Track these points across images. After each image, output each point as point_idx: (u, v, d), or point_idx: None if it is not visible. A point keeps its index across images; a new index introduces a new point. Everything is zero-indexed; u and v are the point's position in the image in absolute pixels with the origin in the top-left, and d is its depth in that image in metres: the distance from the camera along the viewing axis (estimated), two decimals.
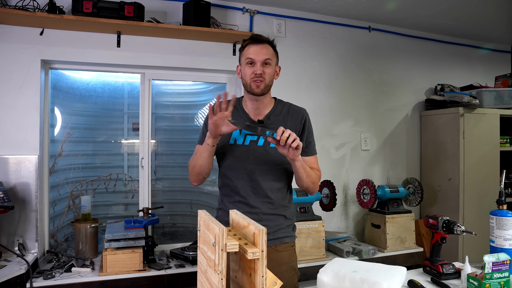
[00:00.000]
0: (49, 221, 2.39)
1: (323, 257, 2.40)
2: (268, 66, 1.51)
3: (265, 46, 1.50)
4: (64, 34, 2.31)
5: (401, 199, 2.74)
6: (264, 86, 1.50)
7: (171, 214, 2.84)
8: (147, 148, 2.60)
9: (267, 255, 0.83)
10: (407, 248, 2.65)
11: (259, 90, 1.50)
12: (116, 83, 2.76)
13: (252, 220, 0.92)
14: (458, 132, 3.00)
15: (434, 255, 1.51)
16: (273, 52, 1.53)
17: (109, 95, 2.74)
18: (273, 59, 1.53)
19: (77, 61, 2.36)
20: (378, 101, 3.20)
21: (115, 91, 2.76)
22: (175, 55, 2.54)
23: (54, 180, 2.46)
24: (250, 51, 1.50)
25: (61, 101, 2.57)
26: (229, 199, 1.56)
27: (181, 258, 2.31)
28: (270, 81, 1.53)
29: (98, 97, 2.71)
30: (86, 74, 2.66)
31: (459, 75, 3.54)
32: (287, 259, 1.57)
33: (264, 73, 1.49)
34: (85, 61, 2.38)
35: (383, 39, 3.22)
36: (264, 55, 1.49)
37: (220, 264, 0.82)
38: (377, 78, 3.20)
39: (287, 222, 1.59)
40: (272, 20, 2.83)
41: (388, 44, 3.24)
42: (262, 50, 1.49)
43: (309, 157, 1.60)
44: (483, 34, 3.47)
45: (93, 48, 2.37)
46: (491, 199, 1.45)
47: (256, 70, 1.48)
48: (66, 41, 2.32)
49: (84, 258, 2.16)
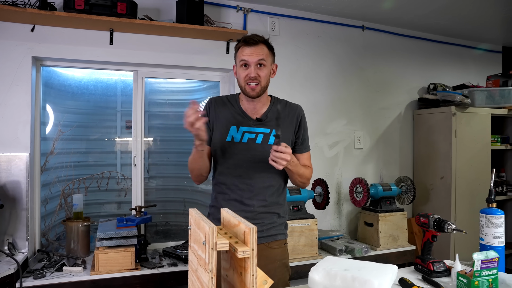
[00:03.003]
0: (41, 220, 2.37)
1: (316, 255, 2.40)
2: (263, 68, 1.49)
3: (259, 47, 1.48)
4: (55, 31, 2.28)
5: (394, 197, 2.75)
6: (260, 89, 1.50)
7: (164, 212, 2.83)
8: (140, 146, 2.59)
9: (259, 252, 0.83)
10: (399, 246, 2.67)
11: (255, 93, 1.50)
12: (109, 81, 2.74)
13: (245, 218, 0.92)
14: (451, 131, 3.02)
15: (425, 253, 1.52)
16: (267, 51, 1.52)
17: (102, 92, 2.72)
18: (268, 58, 1.52)
19: (69, 58, 2.34)
20: (371, 100, 3.21)
21: (108, 88, 2.74)
22: (168, 53, 2.53)
23: (45, 179, 2.44)
24: (244, 53, 1.48)
25: (53, 99, 2.55)
26: (223, 196, 1.55)
27: (174, 256, 2.31)
28: (266, 83, 1.52)
29: (90, 94, 2.69)
30: (79, 71, 2.64)
31: (451, 75, 3.56)
32: (280, 256, 1.59)
33: (259, 75, 1.48)
34: (77, 59, 2.35)
35: (376, 38, 3.23)
36: (258, 56, 1.47)
37: (210, 263, 0.81)
38: (370, 77, 3.21)
39: (280, 220, 1.60)
40: (266, 19, 2.82)
41: (381, 43, 3.25)
42: (256, 52, 1.47)
43: (302, 153, 1.62)
44: (476, 34, 3.49)
45: (85, 45, 2.34)
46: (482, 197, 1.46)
47: (250, 73, 1.47)
48: (57, 38, 2.29)
49: (75, 257, 2.15)
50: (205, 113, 1.58)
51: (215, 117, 1.57)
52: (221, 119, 1.56)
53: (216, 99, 1.62)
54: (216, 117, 1.57)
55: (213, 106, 1.59)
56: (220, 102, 1.61)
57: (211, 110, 1.58)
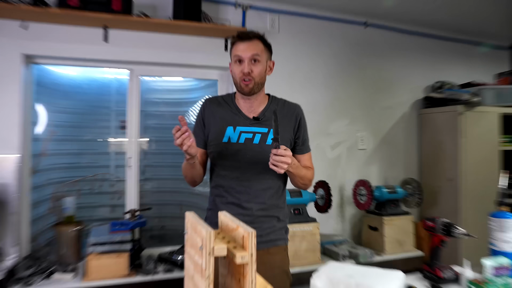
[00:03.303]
0: (30, 225, 2.35)
1: (318, 261, 2.38)
2: (257, 64, 1.49)
3: (253, 43, 1.49)
4: (48, 28, 2.27)
5: (399, 200, 2.74)
6: (253, 85, 1.50)
7: (160, 216, 2.81)
8: (135, 147, 2.57)
9: (259, 259, 0.82)
10: (406, 251, 2.65)
11: (248, 89, 1.51)
12: (103, 79, 2.73)
13: (244, 222, 0.90)
14: (458, 131, 3.00)
15: (433, 259, 1.50)
16: (263, 47, 1.52)
17: (96, 91, 2.71)
18: (263, 54, 1.51)
19: (62, 56, 2.32)
20: (374, 99, 3.19)
21: (102, 87, 2.73)
22: (164, 51, 2.51)
23: (36, 181, 2.41)
24: (238, 48, 1.49)
25: (45, 98, 2.53)
26: (221, 199, 1.54)
27: (170, 262, 2.29)
28: (260, 79, 1.52)
29: (84, 93, 2.68)
30: (72, 70, 2.62)
31: (457, 73, 3.54)
32: (280, 263, 1.57)
33: (252, 71, 1.48)
34: (70, 56, 2.33)
35: (379, 35, 3.21)
36: (252, 52, 1.47)
37: (208, 269, 0.79)
38: (373, 75, 3.19)
39: (280, 224, 1.59)
40: (266, 15, 2.81)
41: (384, 40, 3.24)
42: (250, 47, 1.48)
43: (303, 154, 1.61)
44: (482, 30, 3.48)
45: (79, 42, 2.33)
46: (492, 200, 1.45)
47: (244, 69, 1.48)
48: (50, 35, 2.27)
49: (66, 263, 2.12)
50: (200, 117, 1.59)
51: (211, 118, 1.57)
52: (217, 120, 1.56)
53: (211, 100, 1.63)
54: (212, 118, 1.57)
55: (209, 107, 1.59)
56: (216, 102, 1.61)
57: (206, 111, 1.58)
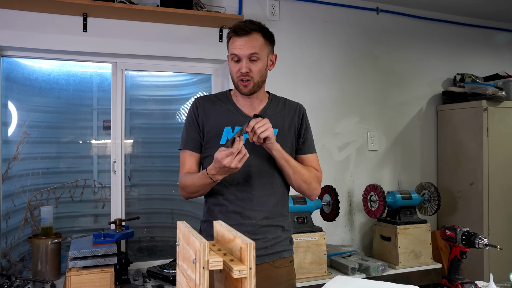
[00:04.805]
0: (1, 238, 2.36)
1: (325, 274, 2.40)
2: (257, 62, 1.50)
3: (251, 38, 1.48)
4: (19, 15, 2.27)
5: (414, 207, 2.75)
6: (252, 85, 1.51)
7: (149, 226, 2.82)
8: (120, 150, 2.58)
9: (263, 273, 0.83)
10: (422, 264, 2.66)
11: (247, 90, 1.52)
12: (83, 74, 2.73)
13: (246, 232, 0.91)
14: (481, 129, 3.02)
15: (453, 273, 1.51)
16: (262, 41, 1.52)
17: (75, 88, 2.72)
18: (263, 50, 1.52)
19: (35, 47, 2.33)
20: (387, 94, 3.21)
21: (82, 83, 2.74)
22: (152, 42, 2.53)
23: (7, 189, 2.43)
24: (235, 45, 1.49)
25: (16, 95, 2.54)
26: (220, 208, 1.55)
27: (160, 277, 2.30)
28: (260, 78, 1.53)
29: (61, 90, 2.69)
30: (47, 63, 2.63)
31: (482, 63, 3.56)
32: (286, 277, 1.58)
33: (250, 71, 1.49)
34: (45, 48, 2.35)
35: (393, 22, 3.23)
36: (250, 50, 1.47)
37: (202, 284, 0.81)
38: (386, 67, 3.21)
39: (285, 234, 1.60)
40: (265, 1, 2.82)
41: (399, 27, 3.26)
42: (247, 44, 1.48)
43: (307, 155, 1.63)
44: (509, 14, 3.47)
45: (54, 32, 2.34)
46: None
47: (242, 68, 1.49)
48: (21, 24, 2.28)
49: (43, 280, 2.14)
50: (194, 117, 1.59)
51: (205, 119, 1.57)
52: (212, 121, 1.57)
53: (203, 98, 1.63)
54: (206, 119, 1.57)
55: (201, 107, 1.59)
56: (208, 101, 1.61)
57: (199, 112, 1.59)
